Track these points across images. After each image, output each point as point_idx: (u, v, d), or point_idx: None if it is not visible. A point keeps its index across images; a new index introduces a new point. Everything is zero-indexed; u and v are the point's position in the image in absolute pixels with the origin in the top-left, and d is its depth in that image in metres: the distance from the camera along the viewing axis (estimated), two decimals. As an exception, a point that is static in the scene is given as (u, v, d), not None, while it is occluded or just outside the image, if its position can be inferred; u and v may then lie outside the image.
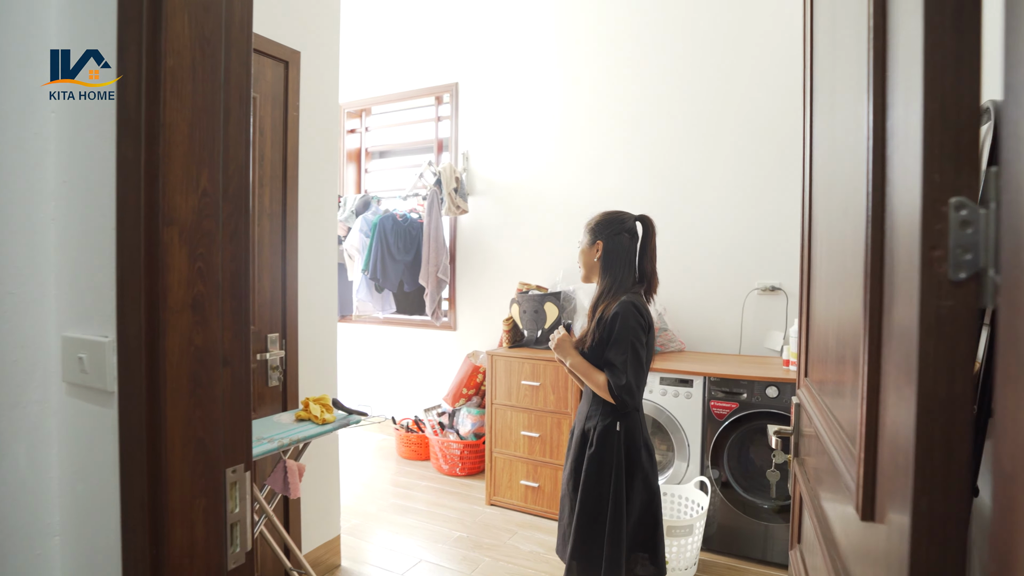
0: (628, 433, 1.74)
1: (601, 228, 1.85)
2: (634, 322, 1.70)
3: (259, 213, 2.17)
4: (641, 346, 1.70)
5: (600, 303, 1.81)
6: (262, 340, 2.21)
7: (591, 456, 1.74)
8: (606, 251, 1.83)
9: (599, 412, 1.77)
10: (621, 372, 1.67)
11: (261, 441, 1.78)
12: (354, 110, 4.79)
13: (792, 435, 1.22)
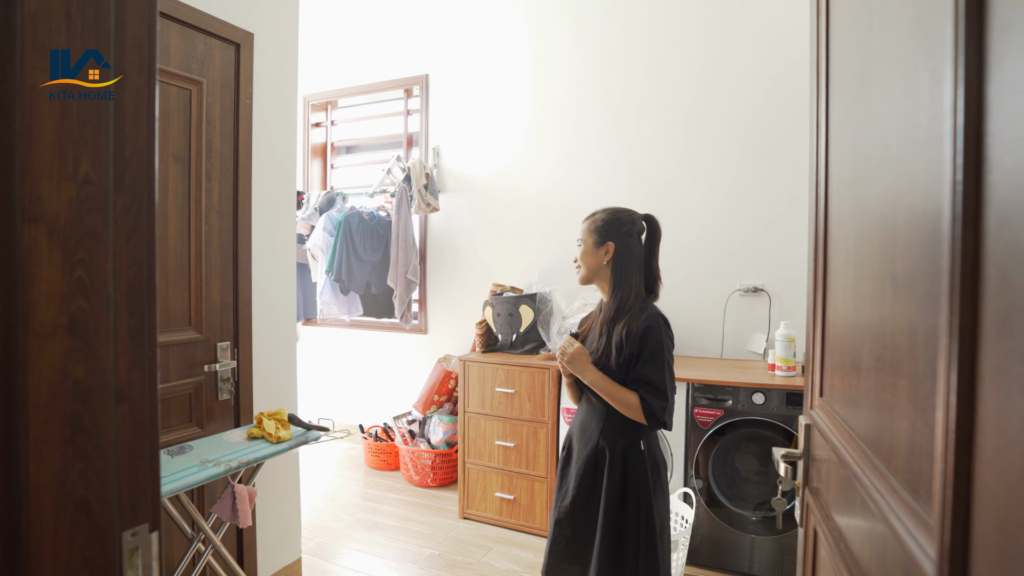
0: (650, 452, 1.63)
1: (612, 228, 1.69)
2: (665, 337, 1.59)
3: (207, 209, 1.97)
4: (672, 363, 1.60)
5: (622, 314, 1.64)
6: (211, 349, 2.01)
7: (616, 479, 1.61)
8: (618, 254, 1.68)
9: (617, 430, 1.63)
10: (660, 393, 1.55)
11: (206, 464, 1.59)
12: (319, 103, 4.57)
13: (801, 459, 1.08)
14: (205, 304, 1.98)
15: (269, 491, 2.25)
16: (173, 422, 1.87)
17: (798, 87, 3.04)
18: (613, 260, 1.68)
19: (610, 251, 1.68)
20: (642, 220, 1.74)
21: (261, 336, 2.20)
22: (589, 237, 1.72)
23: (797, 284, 3.06)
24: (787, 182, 3.08)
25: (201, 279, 1.96)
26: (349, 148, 4.68)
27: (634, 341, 1.58)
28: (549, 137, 3.64)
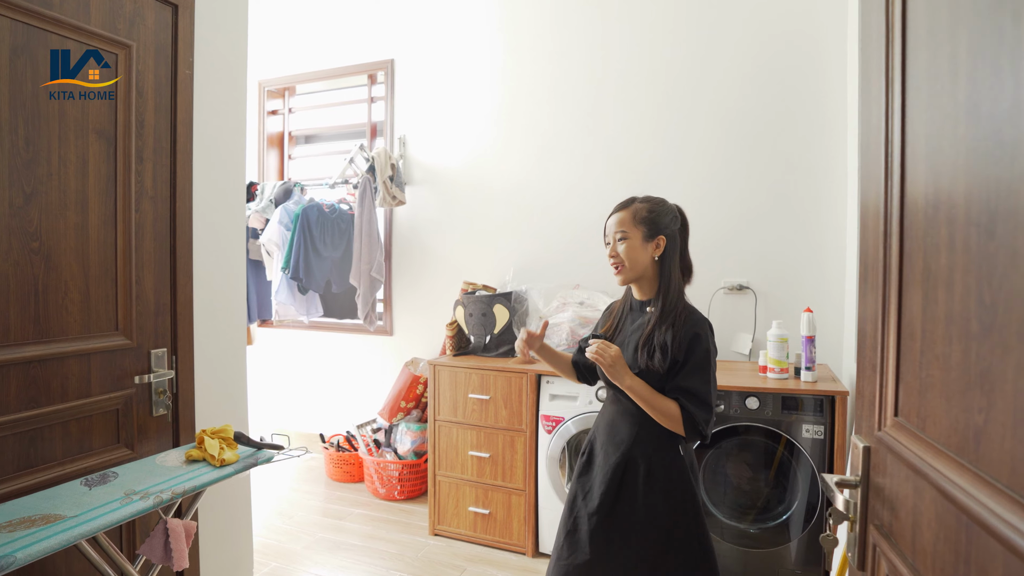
0: (690, 463, 1.55)
1: (661, 219, 1.57)
2: (711, 346, 1.51)
3: (138, 195, 1.69)
4: (715, 373, 1.52)
5: (667, 316, 1.52)
6: (144, 358, 1.73)
7: (655, 489, 1.49)
8: (669, 249, 1.57)
9: (652, 437, 1.51)
10: (705, 405, 1.45)
11: (132, 497, 1.32)
12: (276, 88, 4.25)
13: (859, 488, 0.90)
14: (136, 305, 1.70)
15: (214, 518, 1.98)
16: (95, 444, 1.59)
17: (784, 78, 2.91)
18: (662, 256, 1.57)
19: (661, 246, 1.57)
20: (681, 213, 1.66)
21: (205, 341, 1.93)
22: (636, 230, 1.56)
23: (784, 282, 2.93)
24: (772, 176, 2.95)
25: (131, 276, 1.68)
26: (308, 138, 4.38)
27: (679, 348, 1.48)
28: (522, 127, 3.44)
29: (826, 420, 2.25)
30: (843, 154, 2.81)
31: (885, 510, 0.83)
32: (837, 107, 2.82)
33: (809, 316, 2.40)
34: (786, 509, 2.34)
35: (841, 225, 2.83)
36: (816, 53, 2.86)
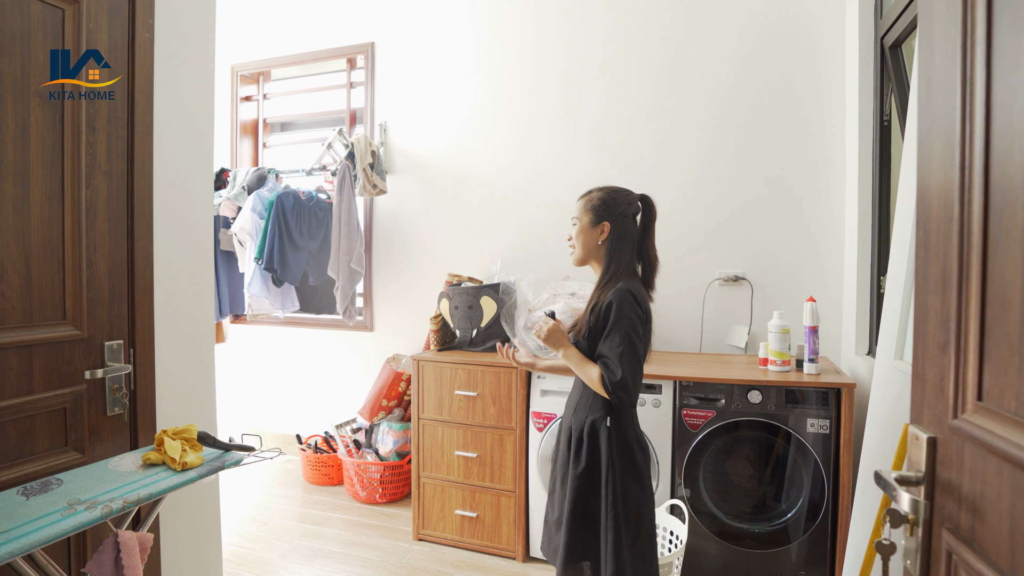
0: (619, 429, 1.60)
1: (609, 208, 1.68)
2: (630, 311, 1.54)
3: (89, 168, 1.52)
4: (638, 338, 1.54)
5: (602, 289, 1.65)
6: (96, 350, 1.55)
7: (584, 457, 1.61)
8: (614, 235, 1.67)
9: (589, 405, 1.64)
10: (616, 366, 1.51)
11: (76, 507, 1.16)
12: (249, 73, 4.05)
13: (923, 487, 0.78)
14: (87, 291, 1.52)
15: (178, 527, 1.80)
16: (38, 448, 1.41)
17: (777, 58, 2.81)
18: (608, 241, 1.67)
19: (605, 231, 1.68)
20: (638, 200, 1.72)
21: (167, 333, 1.76)
22: (585, 216, 1.70)
23: (781, 273, 2.83)
24: (766, 161, 2.85)
25: (80, 258, 1.50)
26: (284, 125, 4.19)
27: (599, 315, 1.59)
28: (507, 113, 3.30)
29: (831, 414, 2.15)
30: (841, 138, 2.72)
31: (963, 511, 0.70)
32: (835, 88, 2.73)
33: (812, 306, 2.30)
34: (790, 507, 2.24)
35: (839, 213, 2.74)
36: (812, 32, 2.76)
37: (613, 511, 1.55)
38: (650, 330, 1.62)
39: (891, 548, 0.82)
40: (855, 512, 1.82)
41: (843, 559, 2.08)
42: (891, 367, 1.64)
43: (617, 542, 1.54)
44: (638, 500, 1.58)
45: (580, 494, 1.60)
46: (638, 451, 1.61)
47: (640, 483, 1.59)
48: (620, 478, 1.57)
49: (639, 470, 1.59)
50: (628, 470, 1.58)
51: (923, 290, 0.82)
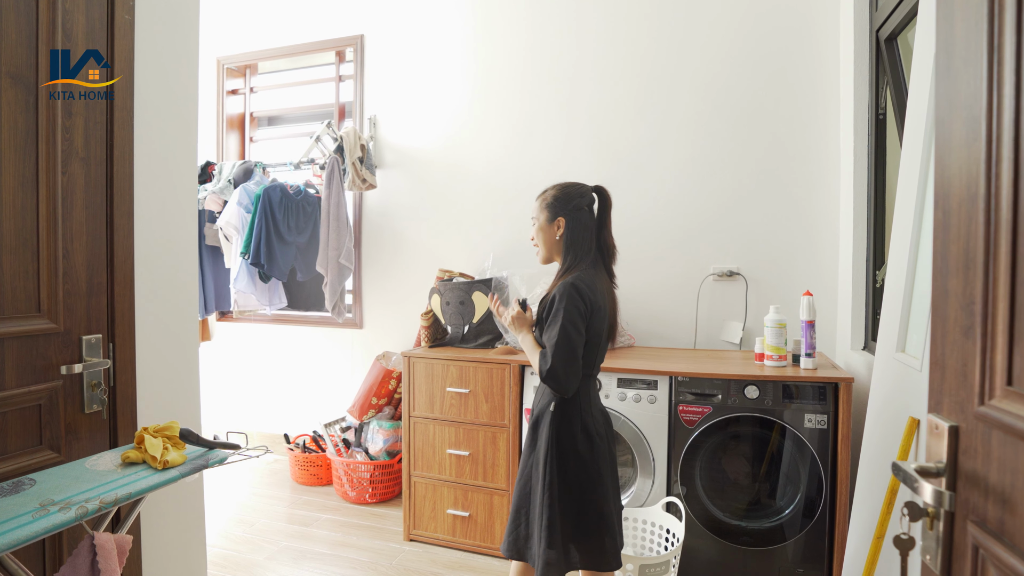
0: (563, 414, 1.64)
1: (562, 203, 1.73)
2: (570, 305, 1.59)
3: (66, 154, 1.45)
4: (576, 331, 1.59)
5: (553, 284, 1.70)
6: (73, 345, 1.49)
7: (528, 430, 1.72)
8: (569, 229, 1.72)
9: (541, 391, 1.74)
10: (548, 356, 1.59)
11: (49, 508, 1.10)
12: (236, 66, 3.98)
13: (944, 479, 0.74)
14: (63, 283, 1.46)
15: (160, 528, 1.74)
16: (11, 446, 1.34)
17: (771, 51, 2.79)
18: (565, 234, 1.72)
19: (561, 226, 1.72)
20: (592, 192, 1.76)
21: (149, 327, 1.69)
22: (541, 214, 1.76)
23: (776, 267, 2.80)
24: (759, 154, 2.83)
25: (56, 248, 1.44)
26: (272, 119, 4.12)
27: (546, 307, 1.66)
28: (498, 106, 3.25)
29: (829, 409, 2.12)
30: (835, 132, 2.70)
31: (991, 503, 0.67)
32: (830, 81, 2.71)
33: (809, 300, 2.27)
34: (787, 504, 2.21)
35: (834, 207, 2.72)
36: (806, 24, 2.74)
37: (548, 493, 1.59)
38: (601, 320, 1.65)
39: (910, 543, 0.78)
40: (855, 507, 1.80)
41: (841, 556, 2.05)
42: (892, 360, 1.62)
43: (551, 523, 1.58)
44: (579, 485, 1.61)
45: (525, 476, 1.68)
46: (581, 437, 1.63)
47: (584, 468, 1.62)
48: (557, 463, 1.61)
49: (581, 457, 1.62)
50: (568, 456, 1.62)
51: (942, 272, 0.78)
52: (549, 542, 1.56)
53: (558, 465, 1.61)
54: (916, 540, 0.78)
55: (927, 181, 1.57)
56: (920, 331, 1.45)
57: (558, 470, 1.61)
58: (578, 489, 1.62)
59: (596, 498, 1.62)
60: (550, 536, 1.57)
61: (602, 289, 1.69)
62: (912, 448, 1.36)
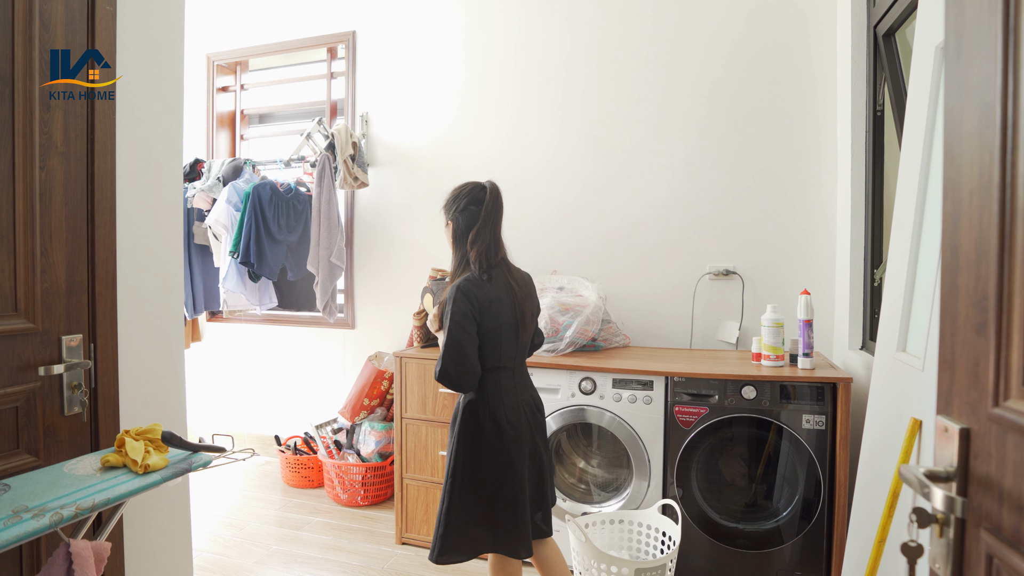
0: (473, 408, 1.72)
1: (449, 206, 1.83)
2: (455, 307, 1.67)
3: (44, 149, 1.41)
4: (462, 331, 1.66)
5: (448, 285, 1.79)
6: (52, 345, 1.44)
7: (452, 427, 1.78)
8: (455, 229, 1.81)
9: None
10: (439, 359, 1.68)
11: (22, 515, 1.05)
12: (226, 63, 3.93)
13: (954, 484, 0.71)
14: (42, 282, 1.41)
15: (145, 533, 1.69)
16: (-15, 450, 1.30)
17: (767, 47, 2.76)
18: (452, 235, 1.81)
19: (450, 228, 1.82)
20: (480, 190, 1.80)
21: (132, 327, 1.65)
22: (442, 217, 1.86)
23: (772, 266, 2.78)
24: (755, 151, 2.80)
25: (34, 246, 1.39)
26: (263, 117, 4.07)
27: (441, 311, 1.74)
28: (491, 103, 3.21)
29: (827, 409, 2.09)
30: (833, 129, 2.68)
31: (1006, 510, 0.64)
32: (827, 78, 2.68)
33: (807, 299, 2.25)
34: (785, 506, 2.18)
35: (831, 205, 2.69)
36: (803, 20, 2.72)
37: (450, 481, 1.70)
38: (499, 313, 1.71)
39: (918, 551, 0.75)
40: (855, 510, 1.77)
41: (840, 559, 2.02)
42: (893, 359, 1.59)
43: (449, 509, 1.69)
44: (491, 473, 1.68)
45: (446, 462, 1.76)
46: (491, 427, 1.69)
47: (495, 459, 1.69)
48: (464, 454, 1.70)
49: (491, 446, 1.69)
50: (480, 445, 1.70)
51: (952, 267, 0.75)
52: (446, 527, 1.68)
53: (465, 456, 1.71)
54: (924, 547, 0.75)
55: (927, 178, 1.54)
56: (922, 330, 1.42)
57: (464, 461, 1.70)
58: (491, 477, 1.69)
59: (509, 485, 1.69)
60: (447, 521, 1.68)
61: (500, 282, 1.75)
62: (914, 450, 1.33)
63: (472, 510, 1.70)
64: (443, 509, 1.71)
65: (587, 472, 2.61)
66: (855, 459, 2.03)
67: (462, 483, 1.70)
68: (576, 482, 2.57)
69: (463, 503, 1.70)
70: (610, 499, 2.40)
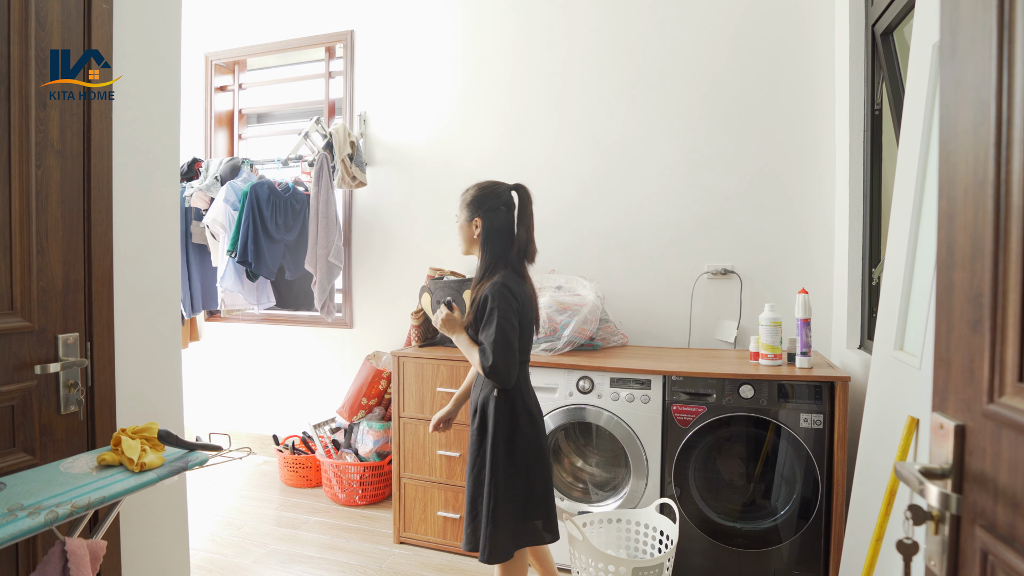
0: (507, 400, 1.74)
1: (478, 203, 1.82)
2: (503, 304, 1.69)
3: (41, 148, 1.40)
4: (511, 327, 1.70)
5: (480, 282, 1.80)
6: (48, 343, 1.44)
7: (476, 425, 1.78)
8: (485, 228, 1.80)
9: (482, 383, 1.81)
10: (489, 353, 1.68)
11: (17, 513, 1.05)
12: (225, 63, 3.92)
13: (950, 481, 0.71)
14: (38, 280, 1.41)
15: (142, 532, 1.69)
16: (-19, 448, 1.30)
17: (764, 45, 2.76)
18: (481, 233, 1.80)
19: (479, 226, 1.80)
20: (511, 192, 1.82)
21: (129, 325, 1.64)
22: (461, 213, 1.85)
23: (771, 265, 2.78)
24: (753, 150, 2.80)
25: (30, 244, 1.39)
26: (261, 116, 4.06)
27: (478, 307, 1.74)
28: (489, 102, 3.21)
29: (825, 408, 2.09)
30: (831, 127, 2.68)
31: (1001, 507, 0.63)
32: (825, 76, 2.68)
33: (804, 298, 2.25)
34: (782, 505, 2.18)
35: (829, 204, 2.69)
36: (801, 18, 2.72)
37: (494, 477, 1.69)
38: (528, 313, 1.79)
39: (914, 548, 0.75)
40: (852, 509, 1.77)
41: (838, 558, 2.02)
42: (890, 357, 1.59)
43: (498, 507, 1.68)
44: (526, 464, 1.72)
45: (473, 457, 1.77)
46: (525, 418, 1.74)
47: (529, 446, 1.73)
48: (505, 447, 1.71)
49: (526, 437, 1.74)
50: (515, 436, 1.72)
51: (947, 265, 0.75)
52: (495, 524, 1.67)
53: (506, 449, 1.72)
54: (920, 544, 0.75)
55: (925, 176, 1.55)
56: (919, 328, 1.42)
57: (505, 453, 1.71)
58: (525, 468, 1.73)
59: (542, 473, 1.75)
60: (496, 519, 1.68)
61: (525, 285, 1.81)
62: (911, 448, 1.33)
63: (521, 502, 1.72)
64: (489, 506, 1.69)
65: (585, 471, 2.61)
66: (853, 458, 2.03)
67: (505, 477, 1.70)
68: (574, 481, 2.57)
69: (510, 496, 1.70)
70: (608, 498, 2.40)
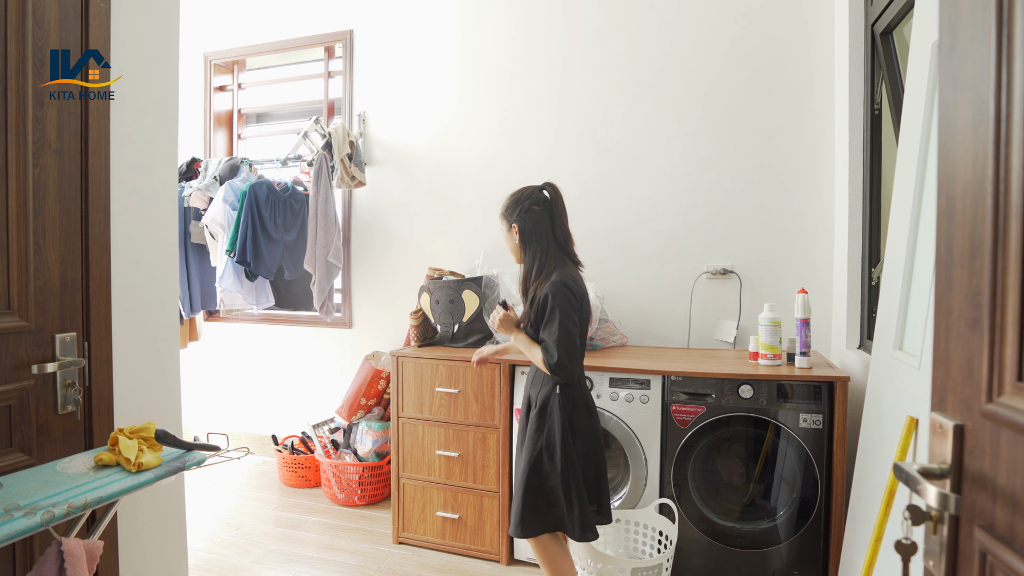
0: (568, 395, 1.79)
1: (511, 210, 1.90)
2: (564, 302, 1.74)
3: (38, 147, 1.40)
4: (573, 324, 1.74)
5: (532, 282, 1.85)
6: (46, 343, 1.43)
7: (535, 415, 1.83)
8: (522, 231, 1.87)
9: (541, 379, 1.85)
10: (553, 351, 1.72)
11: (12, 514, 1.04)
12: (224, 62, 3.92)
13: (948, 481, 0.71)
14: (35, 280, 1.40)
15: (140, 532, 1.69)
16: (-22, 448, 1.29)
17: (764, 45, 2.76)
18: (520, 236, 1.87)
19: (516, 231, 1.88)
20: (541, 191, 1.89)
21: (127, 325, 1.64)
22: (502, 226, 1.95)
23: (771, 265, 2.77)
24: (753, 150, 2.80)
25: (27, 244, 1.38)
26: (260, 116, 4.06)
27: (539, 306, 1.78)
28: (488, 102, 3.21)
29: (824, 408, 2.09)
30: (830, 127, 2.67)
31: (1000, 507, 0.63)
32: (824, 76, 2.68)
33: (804, 297, 2.24)
34: (781, 505, 2.18)
35: (828, 204, 2.69)
36: (800, 18, 2.71)
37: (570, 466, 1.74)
38: (587, 311, 1.84)
39: (912, 548, 0.75)
40: (852, 509, 1.77)
41: (837, 558, 2.02)
42: (890, 357, 1.58)
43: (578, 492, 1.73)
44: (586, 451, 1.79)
45: (529, 448, 1.81)
46: (584, 412, 1.81)
47: (587, 437, 1.80)
48: (573, 438, 1.78)
49: (585, 429, 1.81)
50: (576, 427, 1.79)
51: (946, 263, 0.74)
52: (581, 508, 1.73)
53: (573, 440, 1.78)
54: (918, 545, 0.74)
55: (924, 176, 1.54)
56: (918, 328, 1.41)
57: (573, 444, 1.78)
58: (585, 458, 1.79)
59: (599, 461, 1.83)
60: (580, 503, 1.73)
61: (581, 280, 1.85)
62: (911, 448, 1.32)
63: (590, 489, 1.79)
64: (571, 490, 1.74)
65: (584, 471, 2.60)
66: (852, 458, 2.03)
67: (574, 465, 1.76)
68: (573, 481, 2.56)
69: (580, 481, 1.76)
70: (607, 498, 2.40)
